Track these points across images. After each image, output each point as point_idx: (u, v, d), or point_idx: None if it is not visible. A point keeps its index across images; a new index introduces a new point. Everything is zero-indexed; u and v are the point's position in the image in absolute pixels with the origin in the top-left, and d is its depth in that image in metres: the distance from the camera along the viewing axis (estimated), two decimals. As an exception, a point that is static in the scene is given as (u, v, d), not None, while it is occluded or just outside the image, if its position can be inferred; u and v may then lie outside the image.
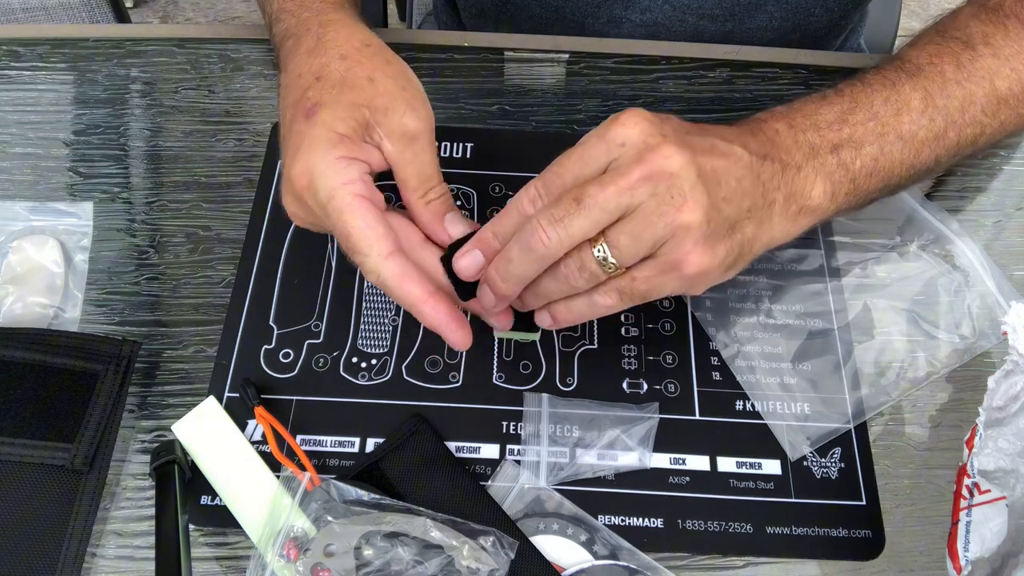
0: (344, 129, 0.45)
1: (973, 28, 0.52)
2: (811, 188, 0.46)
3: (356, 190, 0.44)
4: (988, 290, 0.56)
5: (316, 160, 0.44)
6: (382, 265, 0.44)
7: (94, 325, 0.55)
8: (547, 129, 0.64)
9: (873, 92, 0.49)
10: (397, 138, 0.46)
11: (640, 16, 0.71)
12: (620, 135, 0.41)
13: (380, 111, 0.46)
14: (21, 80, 0.66)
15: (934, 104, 0.49)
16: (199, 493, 0.48)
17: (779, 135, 0.47)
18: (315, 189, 0.44)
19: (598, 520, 0.48)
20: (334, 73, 0.47)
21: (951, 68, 0.50)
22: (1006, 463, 0.46)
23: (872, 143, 0.48)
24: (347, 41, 0.49)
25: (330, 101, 0.46)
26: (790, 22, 0.71)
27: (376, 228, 0.44)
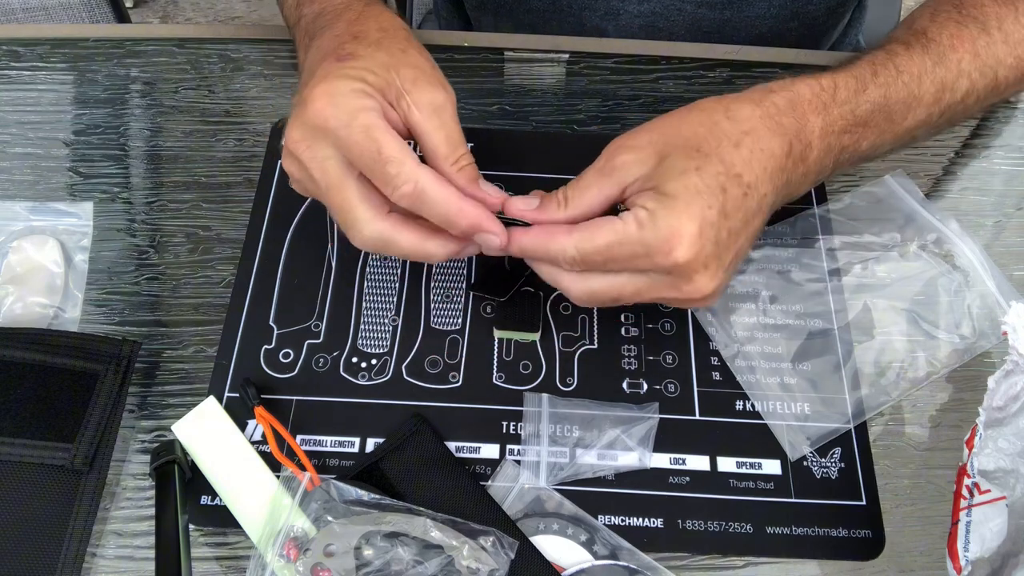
0: (373, 80, 0.46)
1: (989, 8, 0.53)
2: (804, 188, 0.49)
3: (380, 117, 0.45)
4: (988, 290, 0.56)
5: (341, 87, 0.45)
6: (419, 172, 0.44)
7: (94, 325, 0.55)
8: (547, 129, 0.64)
9: (901, 88, 0.50)
10: (425, 107, 0.46)
11: (638, 6, 0.71)
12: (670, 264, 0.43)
13: (409, 80, 0.46)
14: (21, 80, 0.66)
15: (940, 99, 0.51)
16: (199, 493, 0.48)
17: (812, 143, 0.47)
18: (336, 108, 0.44)
19: (598, 520, 0.48)
20: (372, 36, 0.49)
21: (968, 58, 0.51)
22: (1006, 463, 0.46)
23: (871, 142, 0.50)
24: (388, 20, 0.51)
25: (365, 55, 0.47)
26: (788, 10, 0.71)
27: (404, 145, 0.44)
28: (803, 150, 0.47)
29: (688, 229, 0.42)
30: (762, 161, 0.45)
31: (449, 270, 0.57)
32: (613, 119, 0.65)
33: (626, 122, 0.64)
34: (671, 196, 0.43)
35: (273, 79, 0.67)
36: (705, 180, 0.43)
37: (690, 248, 0.43)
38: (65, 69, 0.67)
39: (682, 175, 0.43)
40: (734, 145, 0.45)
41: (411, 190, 0.44)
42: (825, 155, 0.48)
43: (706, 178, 0.43)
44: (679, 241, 0.42)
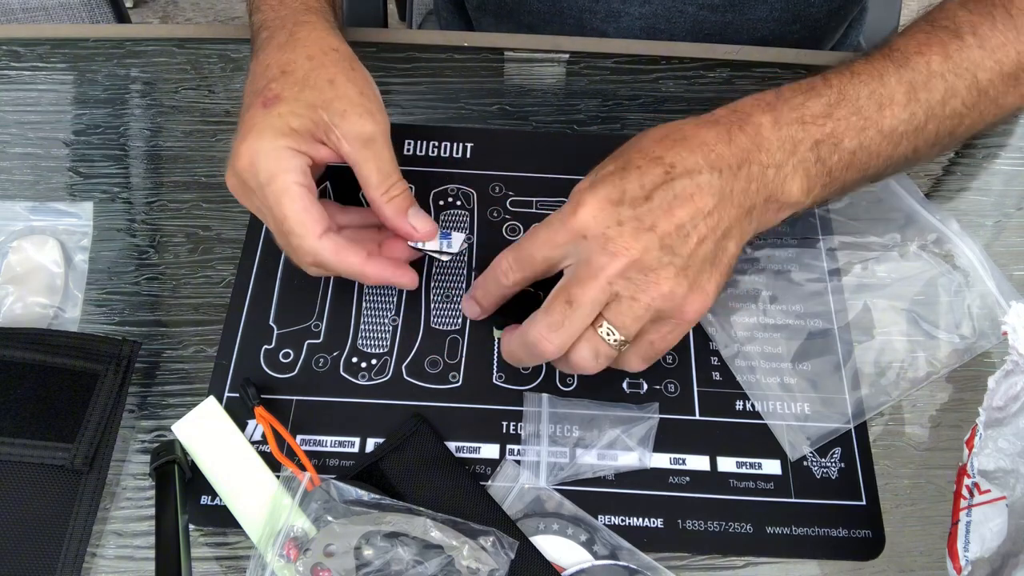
0: (297, 125, 0.48)
1: (961, 17, 0.52)
2: (790, 185, 0.47)
3: (296, 178, 0.48)
4: (988, 290, 0.56)
5: (264, 145, 0.48)
6: (317, 245, 0.48)
7: (94, 325, 0.55)
8: (547, 129, 0.64)
9: (860, 84, 0.49)
10: (353, 139, 0.49)
11: (639, 9, 0.71)
12: (580, 226, 0.44)
13: (337, 113, 0.49)
14: (21, 80, 0.66)
15: (916, 98, 0.50)
16: (199, 493, 0.48)
17: (762, 131, 0.47)
18: (256, 170, 0.48)
19: (598, 520, 0.48)
20: (299, 71, 0.50)
21: (938, 59, 0.50)
22: (1006, 463, 0.46)
23: (852, 138, 0.48)
24: (316, 44, 0.52)
25: (290, 97, 0.49)
26: (790, 12, 0.71)
27: (311, 211, 0.48)
28: (752, 139, 0.46)
29: (590, 196, 0.44)
30: (688, 146, 0.46)
31: (449, 270, 0.57)
32: (613, 119, 0.65)
33: (626, 122, 0.64)
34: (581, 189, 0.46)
35: (273, 79, 0.67)
36: (617, 166, 0.45)
37: (592, 208, 0.44)
38: (65, 69, 0.67)
39: (602, 169, 0.46)
40: (656, 141, 0.46)
41: (312, 262, 0.49)
42: (794, 146, 0.47)
43: (619, 164, 0.45)
44: (581, 203, 0.44)
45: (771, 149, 0.47)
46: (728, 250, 0.46)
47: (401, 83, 0.67)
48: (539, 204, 0.60)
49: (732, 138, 0.46)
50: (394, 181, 0.50)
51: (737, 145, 0.46)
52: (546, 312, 0.45)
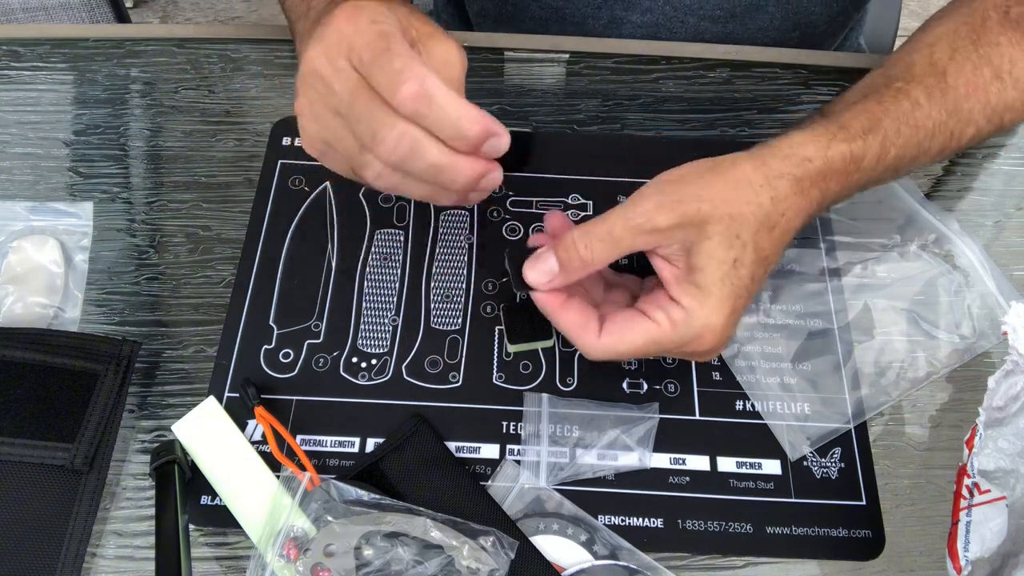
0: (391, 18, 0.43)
1: (1003, 47, 0.51)
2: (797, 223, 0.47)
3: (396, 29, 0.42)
4: (988, 290, 0.56)
5: (363, 9, 0.42)
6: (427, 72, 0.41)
7: (94, 325, 0.55)
8: (547, 129, 0.64)
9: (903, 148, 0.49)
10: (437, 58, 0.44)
11: (640, 17, 0.71)
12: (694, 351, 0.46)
13: (425, 33, 0.45)
14: (21, 80, 0.66)
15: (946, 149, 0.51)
16: (199, 493, 0.48)
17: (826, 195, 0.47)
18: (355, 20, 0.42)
19: (598, 520, 0.48)
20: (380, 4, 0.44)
21: (979, 107, 0.51)
22: (1006, 463, 0.46)
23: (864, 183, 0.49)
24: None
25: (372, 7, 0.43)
26: (790, 22, 0.71)
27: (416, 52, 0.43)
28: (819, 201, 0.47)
29: (721, 323, 0.44)
30: (786, 240, 0.46)
31: (448, 270, 0.57)
32: (613, 119, 0.65)
33: (626, 122, 0.64)
34: (706, 293, 0.44)
35: (273, 79, 0.67)
36: (740, 273, 0.44)
37: (721, 336, 0.45)
38: (65, 69, 0.67)
39: (719, 267, 0.44)
40: (769, 230, 0.45)
41: (416, 88, 0.40)
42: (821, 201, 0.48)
43: (742, 271, 0.44)
44: (711, 333, 0.45)
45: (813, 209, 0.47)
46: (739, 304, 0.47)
47: (401, 83, 0.67)
48: (539, 204, 0.60)
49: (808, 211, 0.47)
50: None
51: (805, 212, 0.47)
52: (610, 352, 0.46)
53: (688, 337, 0.45)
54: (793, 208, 0.45)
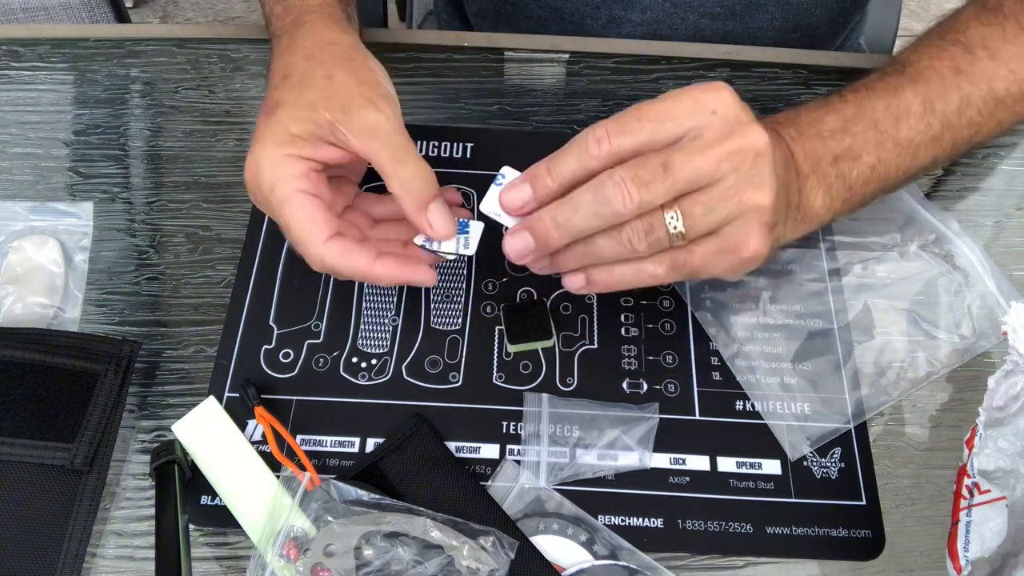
0: (297, 130, 0.47)
1: (973, 30, 0.53)
2: (813, 198, 0.48)
3: (298, 185, 0.47)
4: (988, 290, 0.56)
5: (264, 155, 0.47)
6: (323, 250, 0.47)
7: (94, 325, 0.55)
8: (547, 129, 0.64)
9: (876, 99, 0.50)
10: (359, 133, 0.47)
11: (640, 15, 0.71)
12: (714, 101, 0.41)
13: (339, 108, 0.47)
14: (21, 80, 0.66)
15: (932, 109, 0.51)
16: (199, 493, 0.48)
17: (793, 142, 0.48)
18: (259, 181, 0.47)
19: (598, 520, 0.48)
20: (297, 72, 0.49)
21: (950, 72, 0.51)
22: (1006, 463, 0.46)
23: (871, 152, 0.49)
24: (314, 42, 0.51)
25: (289, 101, 0.48)
26: (791, 22, 0.71)
27: (314, 217, 0.47)
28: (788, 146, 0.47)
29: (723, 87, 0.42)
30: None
31: (449, 270, 0.57)
32: (613, 119, 0.65)
33: (626, 122, 0.64)
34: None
35: (273, 79, 0.67)
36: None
37: (730, 96, 0.42)
38: (65, 69, 0.67)
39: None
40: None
41: (320, 266, 0.47)
42: (816, 161, 0.48)
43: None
44: (719, 86, 0.42)
45: (799, 158, 0.47)
46: (780, 227, 0.45)
47: (401, 83, 0.66)
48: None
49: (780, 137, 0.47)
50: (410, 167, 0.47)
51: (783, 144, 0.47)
52: (638, 164, 0.41)
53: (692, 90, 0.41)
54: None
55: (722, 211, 0.41)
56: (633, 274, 0.44)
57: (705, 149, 0.40)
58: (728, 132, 0.41)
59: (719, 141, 0.41)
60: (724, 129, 0.41)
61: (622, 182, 0.41)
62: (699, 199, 0.41)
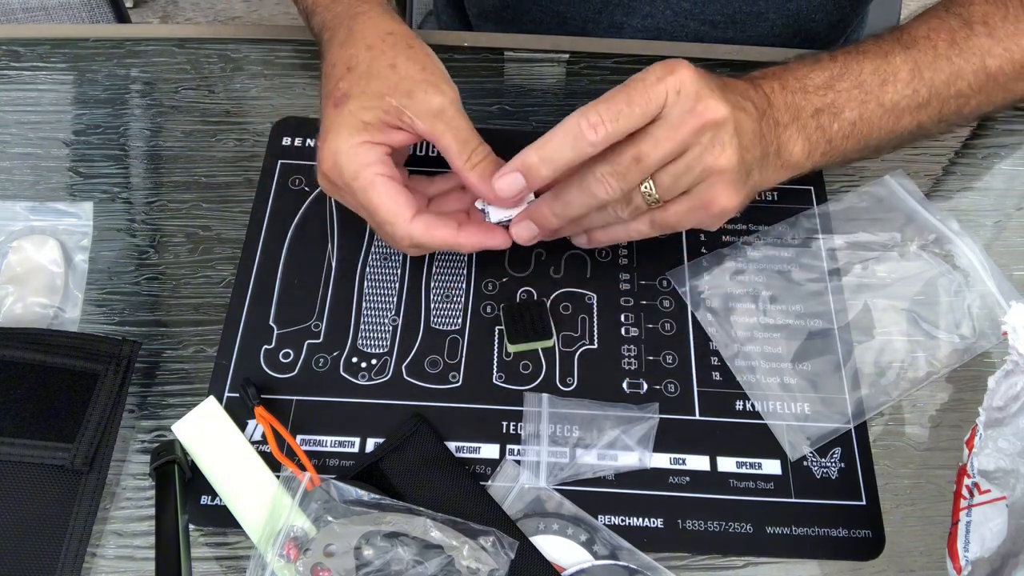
0: (368, 118, 0.50)
1: (976, 7, 0.54)
2: (793, 146, 0.51)
3: (377, 170, 0.49)
4: (988, 290, 0.56)
5: (340, 144, 0.49)
6: (410, 228, 0.49)
7: (94, 325, 0.55)
8: (547, 129, 0.64)
9: (864, 60, 0.52)
10: (425, 116, 0.49)
11: (641, 22, 0.71)
12: (677, 82, 0.45)
13: (405, 95, 0.50)
14: (21, 80, 0.66)
15: (920, 76, 0.52)
16: (199, 493, 0.48)
17: (773, 94, 0.51)
18: (340, 170, 0.49)
19: (598, 520, 0.48)
20: (362, 63, 0.51)
21: (944, 44, 0.53)
22: (1006, 463, 0.46)
23: (853, 109, 0.51)
24: (373, 31, 0.53)
25: (357, 92, 0.50)
26: (791, 29, 0.71)
27: (398, 198, 0.49)
28: (767, 97, 0.50)
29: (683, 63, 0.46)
30: (732, 85, 0.49)
31: (449, 270, 0.57)
32: (613, 119, 0.65)
33: (626, 122, 0.64)
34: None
35: (273, 79, 0.67)
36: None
37: (689, 71, 0.45)
38: (65, 69, 0.67)
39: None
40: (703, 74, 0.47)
41: (408, 244, 0.50)
42: (797, 111, 0.51)
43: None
44: (679, 65, 0.45)
45: (779, 109, 0.50)
46: (755, 176, 0.49)
47: (401, 83, 0.67)
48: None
49: (756, 90, 0.50)
50: (474, 147, 0.50)
51: (759, 95, 0.50)
52: (613, 161, 0.46)
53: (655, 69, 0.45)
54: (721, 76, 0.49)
55: (688, 178, 0.46)
56: (624, 233, 0.51)
57: (671, 132, 0.45)
58: (690, 110, 0.45)
59: (683, 120, 0.45)
60: (686, 107, 0.45)
61: (603, 177, 0.47)
62: (668, 171, 0.46)
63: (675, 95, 0.45)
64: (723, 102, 0.45)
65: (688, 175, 0.46)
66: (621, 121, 0.45)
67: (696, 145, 0.46)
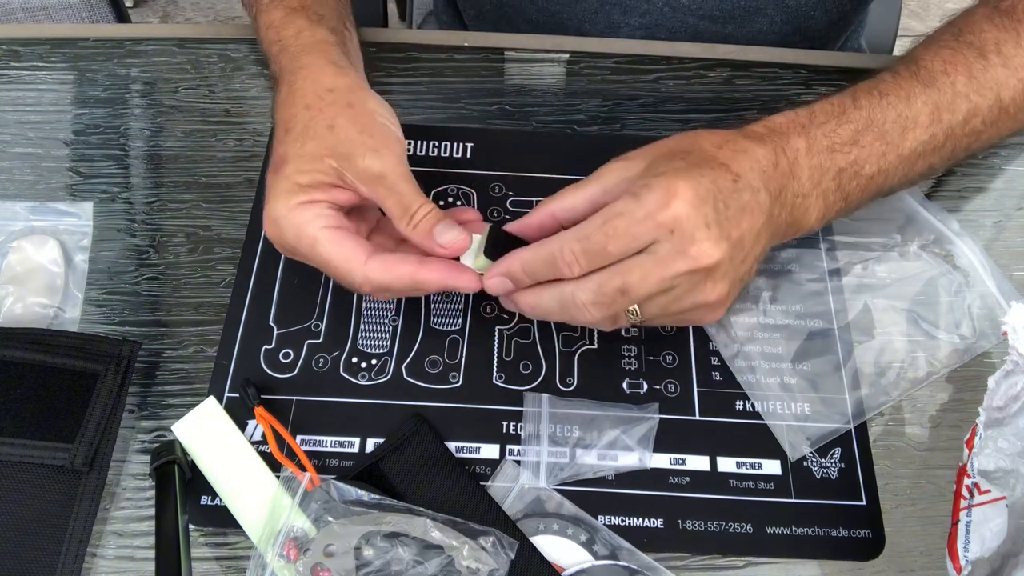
0: (306, 180, 0.48)
1: (987, 33, 0.53)
2: (810, 213, 0.49)
3: (319, 224, 0.48)
4: (988, 290, 0.56)
5: (279, 210, 0.48)
6: (366, 270, 0.47)
7: (94, 325, 0.55)
8: (547, 129, 0.64)
9: (887, 107, 0.50)
10: (365, 180, 0.48)
11: (639, 19, 0.71)
12: (671, 219, 0.43)
13: (343, 157, 0.48)
14: (21, 80, 0.66)
15: (939, 119, 0.50)
16: (199, 493, 0.48)
17: (798, 159, 0.48)
18: (283, 235, 0.48)
19: (598, 520, 0.48)
20: (299, 124, 0.50)
21: (963, 79, 0.51)
22: (1006, 463, 0.46)
23: (873, 164, 0.49)
24: (312, 89, 0.51)
25: (293, 154, 0.49)
26: (790, 26, 0.71)
27: (345, 244, 0.48)
28: (791, 165, 0.47)
29: (684, 186, 0.43)
30: (747, 160, 0.46)
31: (449, 270, 0.57)
32: (613, 119, 0.65)
33: (626, 122, 0.64)
34: (661, 174, 0.44)
35: (273, 79, 0.67)
36: (690, 163, 0.44)
37: (688, 202, 0.42)
38: (65, 69, 0.67)
39: (669, 163, 0.45)
40: (716, 147, 0.46)
41: (371, 288, 0.48)
42: (821, 176, 0.48)
43: (691, 162, 0.44)
44: (676, 194, 0.43)
45: (802, 178, 0.48)
46: (751, 273, 0.47)
47: (401, 83, 0.67)
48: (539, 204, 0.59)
49: (777, 161, 0.47)
50: (415, 210, 0.48)
51: (780, 170, 0.47)
52: (598, 291, 0.44)
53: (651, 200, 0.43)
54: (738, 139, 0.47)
55: (676, 309, 0.45)
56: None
57: (660, 270, 0.43)
58: (682, 251, 0.43)
59: (673, 260, 0.43)
60: (679, 247, 0.43)
61: (584, 305, 0.45)
62: (656, 301, 0.45)
63: (668, 234, 0.43)
64: (718, 243, 0.43)
65: (675, 306, 0.45)
66: (598, 262, 0.44)
67: (685, 284, 0.44)
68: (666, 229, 0.43)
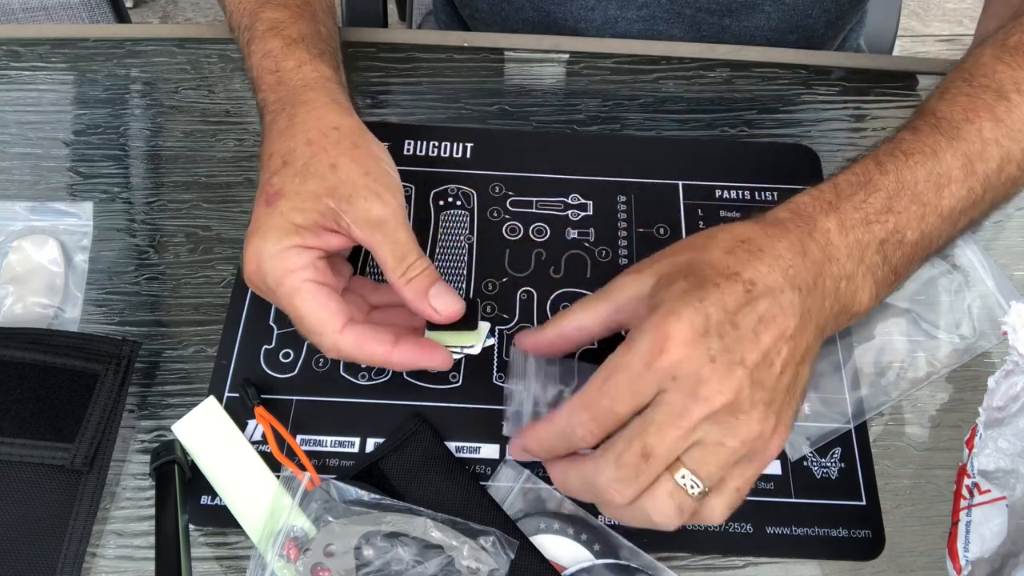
0: (301, 220, 0.47)
1: (1002, 74, 0.49)
2: (860, 295, 0.45)
3: (305, 275, 0.46)
4: (988, 290, 0.56)
5: (267, 247, 0.46)
6: (338, 339, 0.46)
7: (94, 325, 0.55)
8: (547, 129, 0.64)
9: (916, 166, 0.46)
10: (363, 224, 0.47)
11: (636, 12, 0.71)
12: (670, 366, 0.38)
13: (344, 199, 0.47)
14: (21, 80, 0.66)
15: (974, 171, 0.47)
16: (199, 493, 0.48)
17: (831, 238, 0.44)
18: (264, 274, 0.47)
19: (598, 520, 0.48)
20: (299, 159, 0.48)
21: (989, 125, 0.48)
22: (1006, 463, 0.46)
23: (915, 229, 0.46)
24: (316, 124, 0.49)
25: (291, 190, 0.47)
26: (788, 23, 0.71)
27: (327, 307, 0.46)
28: (824, 250, 0.43)
29: (678, 325, 0.39)
30: (765, 262, 0.41)
31: (449, 270, 0.57)
32: (613, 119, 0.65)
33: (626, 122, 0.64)
34: (657, 306, 0.40)
35: (273, 79, 0.66)
36: (692, 284, 0.40)
37: (683, 342, 0.38)
38: (65, 69, 0.67)
39: (670, 287, 0.41)
40: (727, 252, 0.42)
41: (336, 355, 0.47)
42: (862, 252, 0.44)
43: (694, 283, 0.40)
44: (669, 336, 0.39)
45: (841, 259, 0.44)
46: (803, 375, 0.42)
47: (401, 83, 0.67)
48: (539, 204, 0.60)
49: (806, 250, 0.43)
50: (411, 262, 0.47)
51: (811, 258, 0.43)
52: (617, 463, 0.39)
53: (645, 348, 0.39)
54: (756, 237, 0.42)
55: (729, 457, 0.39)
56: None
57: (675, 420, 0.38)
58: (692, 395, 0.38)
59: (686, 408, 0.38)
60: (687, 391, 0.38)
61: (610, 486, 0.40)
62: (703, 458, 0.39)
63: (671, 381, 0.38)
64: (730, 375, 0.38)
65: (724, 456, 0.39)
66: (611, 425, 0.40)
67: (713, 429, 0.39)
68: (668, 376, 0.39)
